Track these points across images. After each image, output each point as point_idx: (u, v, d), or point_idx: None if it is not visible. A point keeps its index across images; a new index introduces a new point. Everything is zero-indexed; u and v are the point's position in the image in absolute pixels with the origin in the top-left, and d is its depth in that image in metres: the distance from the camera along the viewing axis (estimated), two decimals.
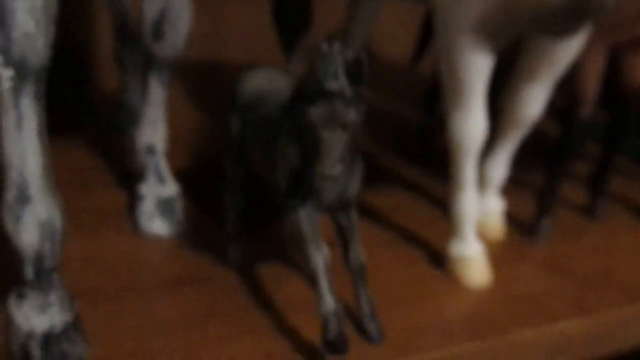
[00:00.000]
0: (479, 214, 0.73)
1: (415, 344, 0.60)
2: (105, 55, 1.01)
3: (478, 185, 0.73)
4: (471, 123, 0.67)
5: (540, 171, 0.83)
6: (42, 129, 0.48)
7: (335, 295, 0.54)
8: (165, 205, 0.72)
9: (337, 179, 0.52)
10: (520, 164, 0.81)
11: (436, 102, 0.99)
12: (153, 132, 0.73)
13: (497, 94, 0.74)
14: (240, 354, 0.56)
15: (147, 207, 0.72)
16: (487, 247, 0.72)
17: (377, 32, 0.96)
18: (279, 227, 0.74)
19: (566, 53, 0.67)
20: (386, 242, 0.76)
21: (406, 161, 0.97)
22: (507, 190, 0.81)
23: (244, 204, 0.68)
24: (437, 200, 0.86)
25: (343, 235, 0.58)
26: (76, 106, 1.01)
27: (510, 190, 0.83)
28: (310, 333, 0.59)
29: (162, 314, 0.60)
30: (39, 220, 0.49)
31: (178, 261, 0.68)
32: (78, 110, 1.00)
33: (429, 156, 0.98)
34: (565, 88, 0.76)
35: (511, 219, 0.82)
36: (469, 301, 0.68)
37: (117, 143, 0.91)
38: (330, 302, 0.54)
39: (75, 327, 0.52)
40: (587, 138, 0.99)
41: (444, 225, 0.74)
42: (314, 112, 0.49)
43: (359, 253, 0.58)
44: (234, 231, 0.68)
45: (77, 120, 0.97)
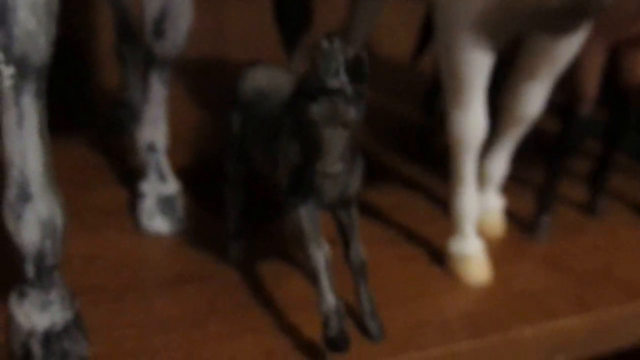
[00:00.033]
0: (479, 211, 0.73)
1: (415, 342, 0.60)
2: (106, 53, 1.01)
3: (478, 183, 0.73)
4: (471, 121, 0.67)
5: (540, 168, 0.83)
6: (43, 126, 0.48)
7: (336, 292, 0.54)
8: (166, 203, 0.72)
9: (337, 176, 0.52)
10: (520, 161, 0.82)
11: (436, 100, 0.99)
12: (154, 130, 0.73)
13: (497, 92, 0.74)
14: (241, 352, 0.57)
15: (148, 204, 0.72)
16: (487, 244, 0.72)
17: (377, 31, 0.96)
18: (280, 225, 0.74)
19: (566, 50, 0.67)
20: (387, 239, 0.76)
21: (406, 159, 0.97)
22: (507, 187, 0.81)
23: (245, 201, 0.68)
24: (437, 198, 0.86)
25: (344, 233, 0.58)
26: (77, 104, 1.01)
27: (510, 187, 0.83)
28: (311, 331, 0.59)
29: (163, 312, 0.61)
30: (40, 218, 0.49)
31: (179, 259, 0.68)
32: (79, 109, 1.00)
33: (429, 154, 0.98)
34: (565, 85, 0.76)
35: (511, 216, 0.82)
36: (469, 299, 0.68)
37: (118, 141, 0.91)
38: (331, 300, 0.54)
39: (76, 325, 0.52)
40: (587, 135, 0.99)
41: (444, 222, 0.74)
42: (315, 109, 0.49)
43: (359, 251, 0.58)
44: (235, 229, 0.68)
45: (78, 119, 0.97)
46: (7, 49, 0.45)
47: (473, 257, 0.70)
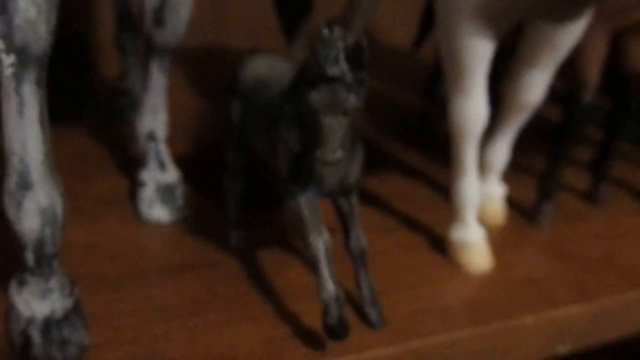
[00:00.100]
0: (480, 199, 0.73)
1: (415, 329, 0.60)
2: (107, 42, 1.01)
3: (479, 170, 0.73)
4: (472, 108, 0.67)
5: (541, 156, 0.83)
6: (44, 115, 0.48)
7: (336, 280, 0.54)
8: (166, 192, 0.72)
9: (337, 164, 0.52)
10: (521, 148, 0.81)
11: (437, 87, 0.99)
12: (154, 119, 0.73)
13: (499, 79, 0.74)
14: (241, 340, 0.57)
15: (148, 193, 0.72)
16: (489, 232, 0.72)
17: (378, 18, 0.95)
18: (280, 214, 0.74)
19: (568, 38, 0.67)
20: (387, 227, 0.76)
21: (407, 146, 0.97)
22: (509, 175, 0.81)
23: (245, 190, 0.68)
24: (438, 186, 0.86)
25: (344, 221, 0.58)
26: (77, 93, 1.01)
27: (512, 175, 0.83)
28: (311, 319, 0.59)
29: (163, 300, 0.61)
30: (40, 206, 0.49)
31: (179, 247, 0.68)
32: (79, 98, 1.00)
33: (430, 141, 0.98)
34: (567, 73, 0.76)
35: (512, 203, 0.82)
36: (470, 286, 0.68)
37: (118, 130, 0.91)
38: (331, 288, 0.54)
39: (76, 313, 0.52)
40: (589, 123, 0.99)
41: (445, 210, 0.74)
42: (315, 97, 0.49)
43: (360, 238, 0.58)
44: (235, 217, 0.68)
45: (78, 108, 0.97)
46: (7, 37, 0.45)
47: (474, 244, 0.70)
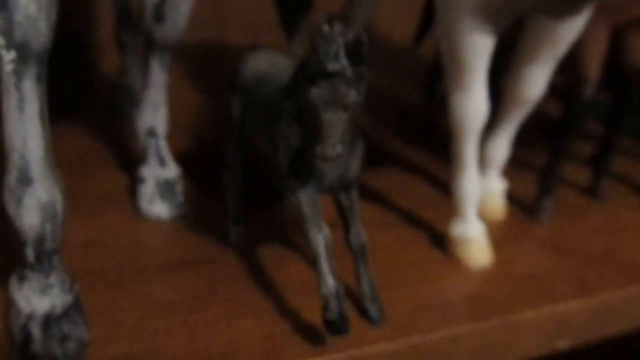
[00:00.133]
0: (481, 194, 0.73)
1: (416, 325, 0.60)
2: (107, 39, 1.01)
3: (480, 166, 0.73)
4: (472, 103, 0.67)
5: (542, 151, 0.83)
6: (44, 111, 0.48)
7: (336, 276, 0.54)
8: (166, 188, 0.72)
9: (337, 159, 0.52)
10: (522, 144, 0.81)
11: (437, 83, 0.99)
12: (154, 115, 0.73)
13: (499, 75, 0.73)
14: (241, 336, 0.57)
15: (148, 189, 0.72)
16: (489, 227, 0.72)
17: (378, 14, 0.95)
18: (280, 210, 0.74)
19: (568, 33, 0.67)
20: (387, 223, 0.76)
21: (407, 142, 0.97)
22: (509, 170, 0.81)
23: (245, 186, 0.68)
24: (438, 182, 0.85)
25: (344, 216, 0.58)
26: (77, 90, 1.01)
27: (512, 170, 0.83)
28: (311, 314, 0.59)
29: (163, 296, 0.61)
30: (40, 202, 0.49)
31: (179, 243, 0.68)
32: (79, 94, 1.00)
33: (430, 137, 0.98)
34: (567, 68, 0.75)
35: (513, 199, 0.82)
36: (470, 282, 0.68)
37: (118, 126, 0.91)
38: (331, 283, 0.54)
39: (75, 308, 0.52)
40: (589, 118, 0.98)
41: (445, 206, 0.74)
42: (315, 92, 0.49)
43: (360, 233, 0.58)
44: (235, 213, 0.68)
45: (78, 104, 0.97)
46: (8, 33, 0.45)
47: (474, 240, 0.70)
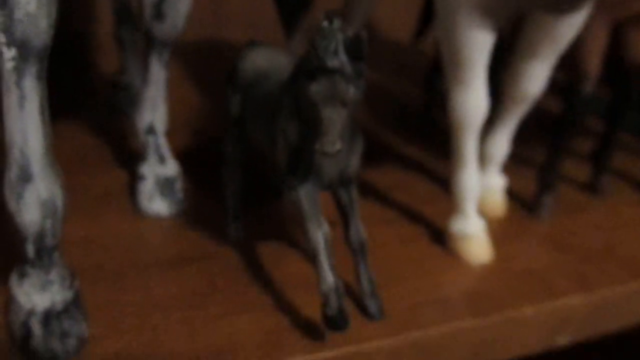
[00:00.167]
0: (481, 190, 0.73)
1: (415, 321, 0.60)
2: (106, 37, 1.01)
3: (479, 162, 0.73)
4: (472, 100, 0.67)
5: (542, 147, 0.83)
6: (44, 108, 0.48)
7: (335, 272, 0.54)
8: (165, 185, 0.72)
9: (337, 156, 0.52)
10: (522, 140, 0.81)
11: (437, 79, 0.99)
12: (153, 112, 0.73)
13: (499, 71, 0.73)
14: (241, 331, 0.57)
15: (147, 186, 0.72)
16: (489, 223, 0.72)
17: (378, 10, 0.95)
18: (280, 206, 0.74)
19: (568, 29, 0.67)
20: (387, 219, 0.76)
21: (407, 138, 0.97)
22: (509, 166, 0.81)
23: (244, 183, 0.68)
24: (438, 178, 0.85)
25: (344, 212, 0.58)
26: (76, 88, 1.01)
27: (512, 166, 0.83)
28: (310, 310, 0.59)
29: (162, 292, 0.61)
30: (40, 198, 0.49)
31: (178, 240, 0.68)
32: (78, 92, 1.00)
33: (430, 133, 0.98)
34: (567, 64, 0.75)
35: (513, 195, 0.82)
36: (470, 278, 0.68)
37: (118, 124, 0.91)
38: (330, 279, 0.54)
39: (75, 305, 0.52)
40: (589, 114, 0.98)
41: (445, 202, 0.74)
42: (314, 89, 0.49)
43: (359, 229, 0.58)
44: (234, 210, 0.68)
45: (78, 102, 0.97)
46: (8, 31, 0.45)
47: (474, 236, 0.70)
